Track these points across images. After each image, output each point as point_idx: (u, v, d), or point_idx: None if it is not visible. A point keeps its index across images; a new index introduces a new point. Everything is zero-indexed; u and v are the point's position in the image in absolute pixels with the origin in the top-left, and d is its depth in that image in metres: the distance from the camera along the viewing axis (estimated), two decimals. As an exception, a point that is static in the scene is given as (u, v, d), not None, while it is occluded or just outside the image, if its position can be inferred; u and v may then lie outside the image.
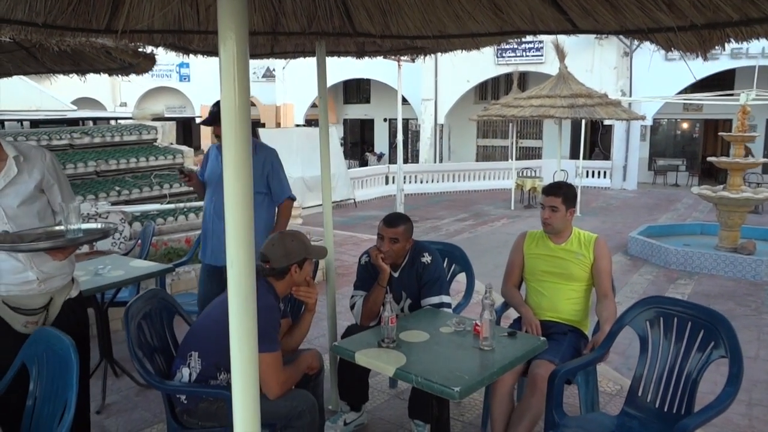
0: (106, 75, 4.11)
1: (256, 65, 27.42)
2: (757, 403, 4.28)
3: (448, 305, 3.38)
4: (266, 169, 3.89)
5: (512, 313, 3.80)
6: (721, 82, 17.84)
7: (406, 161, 23.27)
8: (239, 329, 1.28)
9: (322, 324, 4.93)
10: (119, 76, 4.20)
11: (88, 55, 3.48)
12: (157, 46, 2.76)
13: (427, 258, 3.44)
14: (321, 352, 3.20)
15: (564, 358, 3.10)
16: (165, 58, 4.78)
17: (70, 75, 4.17)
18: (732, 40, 1.70)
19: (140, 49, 3.25)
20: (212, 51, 3.45)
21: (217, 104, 3.50)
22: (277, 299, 2.76)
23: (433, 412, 2.64)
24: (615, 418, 2.87)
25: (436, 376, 2.36)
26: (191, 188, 4.26)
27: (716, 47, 1.77)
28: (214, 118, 3.62)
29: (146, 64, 3.82)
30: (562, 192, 3.43)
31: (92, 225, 2.70)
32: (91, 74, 4.66)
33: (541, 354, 2.99)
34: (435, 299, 3.36)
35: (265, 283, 2.75)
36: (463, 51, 3.72)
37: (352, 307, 3.50)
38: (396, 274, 3.46)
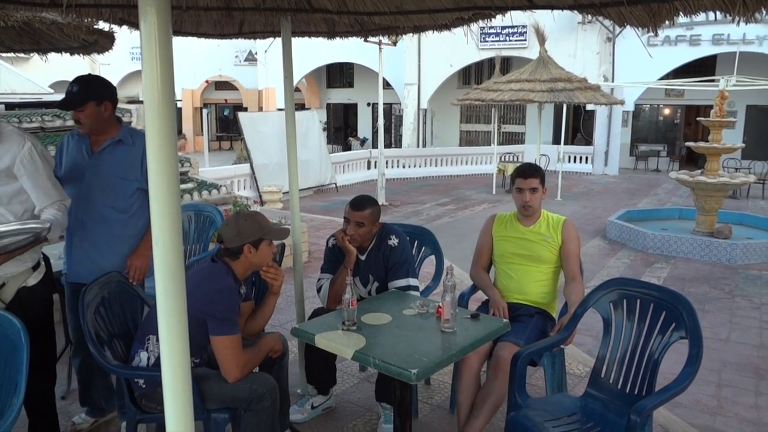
0: (68, 54, 3.98)
1: (239, 48, 27.16)
2: (726, 384, 4.32)
3: (416, 288, 3.35)
4: (146, 161, 3.18)
5: (481, 295, 3.78)
6: (703, 68, 17.94)
7: (389, 146, 23.25)
8: (166, 313, 1.24)
9: (293, 308, 4.89)
10: (81, 55, 4.08)
11: (45, 33, 3.38)
12: (107, 21, 2.68)
13: (393, 241, 3.40)
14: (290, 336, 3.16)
15: (529, 340, 3.09)
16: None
17: (30, 54, 4.06)
18: (681, 13, 1.67)
19: (95, 26, 3.18)
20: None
21: (76, 82, 2.94)
22: (236, 282, 2.71)
23: (396, 394, 2.61)
24: (578, 400, 2.87)
25: (395, 358, 2.33)
26: None
27: (666, 21, 1.75)
28: (71, 99, 2.92)
29: (105, 42, 3.71)
30: (539, 173, 3.43)
31: (14, 227, 2.50)
32: (74, 58, 4.56)
33: (506, 336, 2.99)
34: (402, 282, 3.34)
35: (224, 265, 2.71)
36: (435, 32, 3.68)
37: (319, 290, 3.46)
38: (363, 257, 3.43)
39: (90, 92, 2.94)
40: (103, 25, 3.34)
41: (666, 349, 2.65)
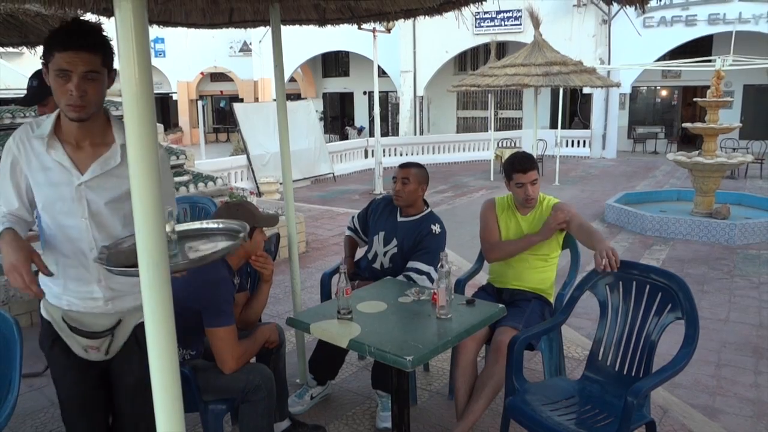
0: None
1: (233, 39, 27.03)
2: (725, 364, 4.32)
3: (432, 280, 3.35)
4: None
5: (477, 281, 3.78)
6: (699, 48, 17.86)
7: (387, 134, 23.18)
8: (151, 303, 1.22)
9: (290, 299, 4.89)
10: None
11: (31, 25, 3.34)
12: (91, 12, 2.64)
13: (437, 228, 3.48)
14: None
15: (528, 324, 3.08)
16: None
17: (19, 48, 4.03)
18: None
19: (81, 17, 3.13)
20: (152, 19, 3.29)
21: (35, 76, 2.85)
22: (230, 272, 2.70)
23: (393, 382, 2.60)
24: (576, 383, 2.87)
25: (390, 345, 2.32)
26: None
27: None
28: (33, 94, 2.84)
29: (92, 34, 3.67)
30: (535, 163, 3.35)
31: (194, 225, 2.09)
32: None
33: (504, 320, 2.98)
34: (425, 267, 3.37)
35: (218, 256, 2.69)
36: (427, 17, 3.65)
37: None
38: (399, 220, 3.56)
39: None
40: (90, 17, 3.30)
41: (663, 330, 2.64)
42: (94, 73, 1.85)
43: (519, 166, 3.30)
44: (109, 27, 3.81)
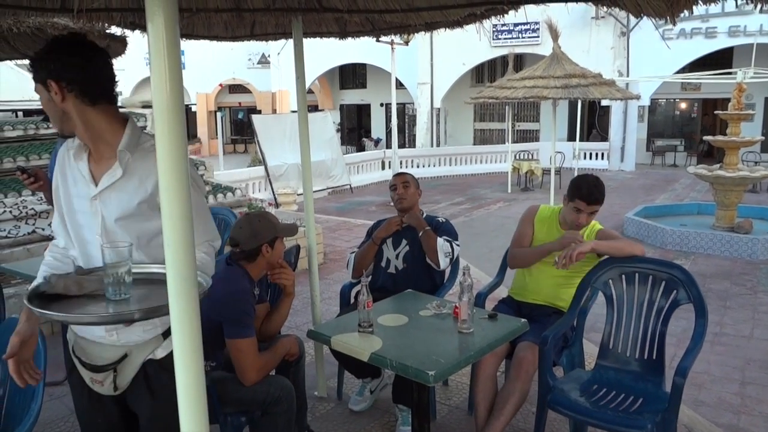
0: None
1: (251, 51, 27.29)
2: (750, 381, 4.24)
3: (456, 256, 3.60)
4: None
5: (497, 294, 3.75)
6: (720, 60, 17.71)
7: (403, 146, 23.20)
8: (179, 315, 1.22)
9: (309, 311, 4.89)
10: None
11: (57, 38, 3.38)
12: (118, 25, 2.68)
13: (442, 218, 3.71)
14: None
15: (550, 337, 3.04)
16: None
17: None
18: (700, 2, 1.61)
19: (107, 31, 3.18)
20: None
21: None
22: (251, 284, 2.70)
23: (413, 396, 2.58)
24: (591, 373, 3.03)
25: (412, 360, 2.30)
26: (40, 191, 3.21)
27: (684, 11, 1.70)
28: None
29: (117, 46, 3.72)
30: (603, 197, 3.17)
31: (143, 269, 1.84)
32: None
33: (525, 336, 2.94)
34: (455, 243, 3.57)
35: (238, 268, 2.70)
36: (447, 30, 3.66)
37: (347, 265, 3.77)
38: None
39: None
40: (115, 30, 3.35)
41: (670, 314, 2.89)
42: (39, 96, 1.82)
43: (585, 195, 3.12)
44: (133, 40, 3.86)
